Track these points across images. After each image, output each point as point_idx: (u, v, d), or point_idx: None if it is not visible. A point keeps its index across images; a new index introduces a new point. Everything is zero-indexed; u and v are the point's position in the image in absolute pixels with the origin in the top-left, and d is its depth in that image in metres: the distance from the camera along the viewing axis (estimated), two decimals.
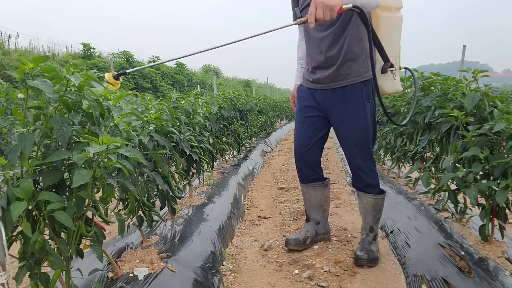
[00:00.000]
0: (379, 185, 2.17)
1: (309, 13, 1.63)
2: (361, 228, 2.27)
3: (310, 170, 2.27)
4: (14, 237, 1.14)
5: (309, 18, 1.63)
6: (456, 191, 1.94)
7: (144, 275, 1.55)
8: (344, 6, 1.66)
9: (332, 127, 2.20)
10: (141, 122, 1.76)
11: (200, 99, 3.59)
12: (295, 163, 2.32)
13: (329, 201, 2.41)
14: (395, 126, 3.23)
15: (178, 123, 2.35)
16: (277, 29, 1.78)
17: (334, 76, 2.01)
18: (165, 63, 15.81)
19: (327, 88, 2.06)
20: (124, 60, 14.22)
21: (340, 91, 2.02)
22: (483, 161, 1.78)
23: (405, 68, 2.18)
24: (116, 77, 1.58)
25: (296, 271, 2.06)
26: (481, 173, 1.79)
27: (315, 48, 2.06)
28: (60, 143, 1.10)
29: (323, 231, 2.35)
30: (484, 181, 1.76)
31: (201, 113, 3.28)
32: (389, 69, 1.97)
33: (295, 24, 1.77)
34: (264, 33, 1.76)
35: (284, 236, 2.55)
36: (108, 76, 1.57)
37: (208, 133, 3.21)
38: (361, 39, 1.96)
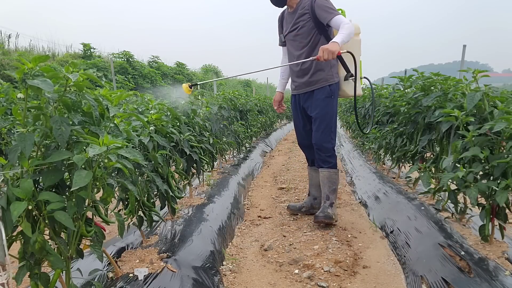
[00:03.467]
0: (335, 164, 2.73)
1: (318, 56, 2.32)
2: (321, 197, 2.83)
3: (310, 155, 2.93)
4: (14, 237, 1.14)
5: (319, 58, 2.32)
6: (456, 191, 1.94)
7: (144, 275, 1.55)
8: (341, 52, 2.35)
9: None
10: (141, 122, 1.76)
11: (200, 99, 3.59)
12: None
13: None
14: (395, 126, 3.25)
15: (178, 123, 2.35)
16: (295, 63, 2.66)
17: (308, 82, 2.71)
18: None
19: (304, 92, 2.76)
20: (124, 60, 14.19)
21: (313, 93, 2.71)
22: (483, 161, 1.77)
23: (365, 77, 2.79)
24: (190, 87, 2.37)
25: (296, 271, 2.06)
26: (481, 173, 1.79)
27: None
28: (59, 143, 1.09)
29: (318, 206, 2.89)
30: (484, 181, 1.76)
31: (201, 113, 3.28)
32: (349, 78, 2.61)
33: (311, 60, 2.48)
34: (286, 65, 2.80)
35: (284, 236, 2.55)
36: (184, 86, 2.35)
37: (208, 133, 3.21)
38: None
